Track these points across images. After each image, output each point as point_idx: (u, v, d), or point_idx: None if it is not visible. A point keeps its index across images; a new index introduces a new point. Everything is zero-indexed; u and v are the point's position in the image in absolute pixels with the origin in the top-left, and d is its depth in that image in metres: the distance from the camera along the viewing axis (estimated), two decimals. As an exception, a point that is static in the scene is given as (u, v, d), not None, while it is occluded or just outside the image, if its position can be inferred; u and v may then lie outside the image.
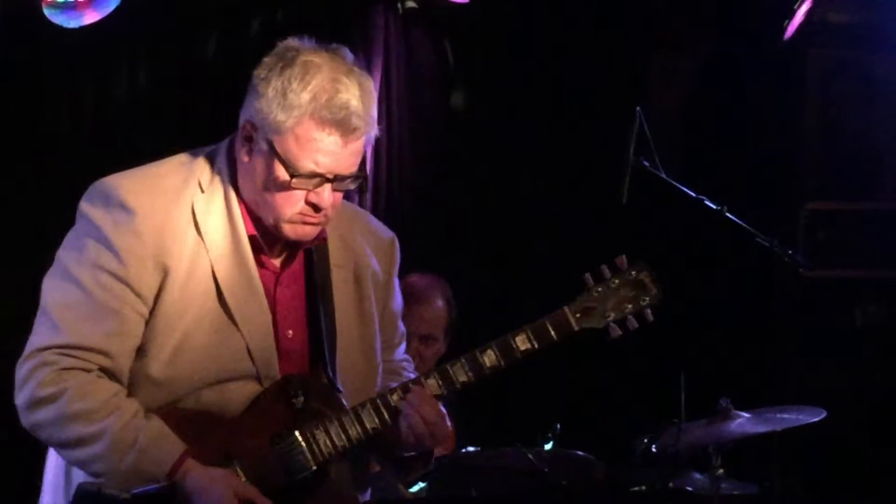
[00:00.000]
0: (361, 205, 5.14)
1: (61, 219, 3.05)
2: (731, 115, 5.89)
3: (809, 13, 5.74)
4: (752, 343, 5.79)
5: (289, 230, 2.94)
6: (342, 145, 2.88)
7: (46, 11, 4.71)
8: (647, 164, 4.12)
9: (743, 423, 4.26)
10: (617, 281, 3.10)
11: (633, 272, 3.12)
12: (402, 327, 3.25)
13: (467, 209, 5.87)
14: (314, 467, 2.94)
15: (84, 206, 2.95)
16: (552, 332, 3.06)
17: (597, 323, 3.10)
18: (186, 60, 5.14)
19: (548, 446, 4.38)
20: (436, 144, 5.89)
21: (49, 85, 5.02)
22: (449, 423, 3.06)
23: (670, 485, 4.41)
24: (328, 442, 2.94)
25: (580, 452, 4.37)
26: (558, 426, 4.38)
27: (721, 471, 4.26)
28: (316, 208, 2.91)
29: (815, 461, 5.53)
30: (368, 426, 2.97)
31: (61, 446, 2.88)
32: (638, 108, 4.15)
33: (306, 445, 2.93)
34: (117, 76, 5.11)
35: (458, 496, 4.06)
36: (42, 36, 4.85)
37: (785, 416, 4.32)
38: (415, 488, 4.16)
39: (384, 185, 5.68)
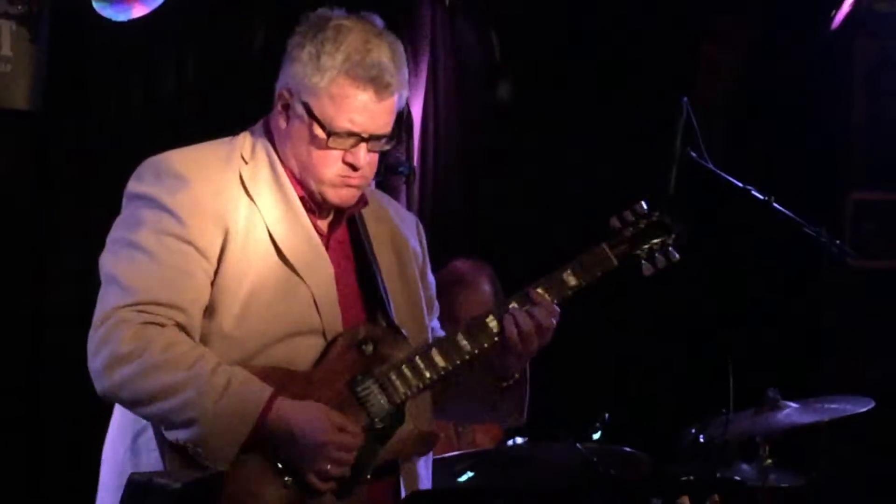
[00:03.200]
0: (409, 196, 5.18)
1: (112, 213, 3.07)
2: (777, 106, 5.87)
3: (856, 2, 5.71)
4: (799, 333, 5.79)
5: (331, 194, 3.02)
6: (376, 101, 2.97)
7: (96, 5, 4.74)
8: (694, 154, 4.13)
9: (791, 413, 4.26)
10: (643, 223, 3.20)
11: (655, 214, 3.22)
12: (436, 302, 3.35)
13: (514, 201, 5.88)
14: (392, 408, 3.01)
15: (133, 185, 3.01)
16: (596, 267, 3.16)
17: (630, 260, 3.20)
18: (234, 54, 5.17)
19: (596, 436, 4.38)
20: (482, 136, 5.90)
21: (97, 79, 5.06)
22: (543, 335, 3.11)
23: (718, 475, 4.41)
24: (402, 384, 3.01)
25: (627, 448, 4.36)
26: (607, 416, 4.38)
27: (769, 461, 4.27)
28: (353, 167, 2.99)
29: (863, 452, 5.53)
30: (443, 365, 3.04)
31: (148, 400, 2.88)
32: (684, 99, 4.15)
33: (382, 388, 3.00)
34: (165, 70, 5.15)
35: (508, 487, 4.07)
36: (91, 30, 4.89)
37: (833, 406, 4.32)
38: (463, 477, 4.17)
39: (431, 177, 5.69)
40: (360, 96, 2.96)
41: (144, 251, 2.91)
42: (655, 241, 3.20)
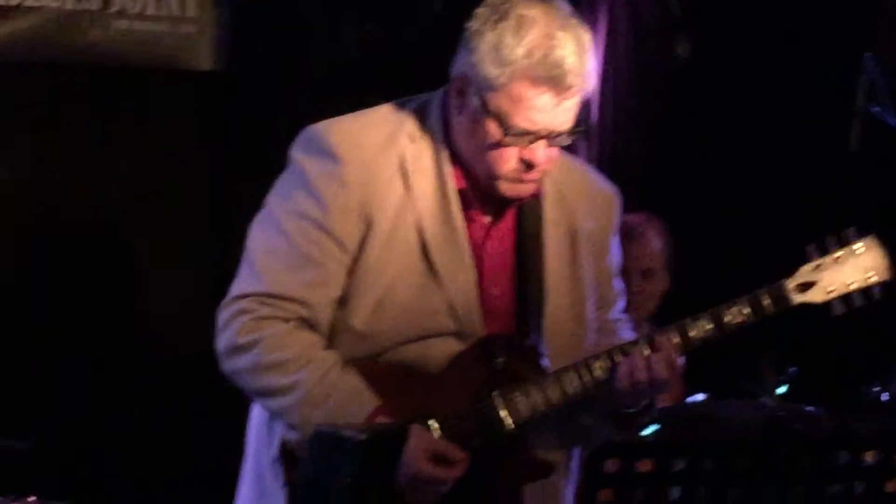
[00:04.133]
0: (588, 158, 5.17)
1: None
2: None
3: None
4: None
5: (505, 188, 2.91)
6: (556, 104, 2.84)
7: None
8: (877, 111, 4.05)
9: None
10: (842, 254, 2.99)
11: (862, 246, 3.00)
12: (618, 285, 3.17)
13: (691, 160, 5.83)
14: (512, 430, 2.93)
15: (293, 151, 2.98)
16: (768, 306, 2.98)
17: (817, 298, 2.99)
18: (415, 19, 5.21)
19: (781, 390, 4.32)
20: (660, 96, 5.86)
21: (280, 41, 5.13)
22: (667, 379, 2.97)
23: (899, 432, 4.34)
24: (527, 405, 2.92)
25: (809, 406, 4.31)
26: (793, 369, 4.31)
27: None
28: (530, 165, 2.87)
29: None
30: (569, 391, 2.93)
31: (256, 395, 2.93)
32: (867, 55, 4.08)
33: (505, 407, 2.92)
34: (347, 33, 5.21)
35: (693, 442, 4.05)
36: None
37: None
38: (646, 431, 4.16)
39: (609, 138, 5.68)
40: (540, 97, 2.83)
41: (283, 235, 2.88)
42: (853, 280, 2.98)
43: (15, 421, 4.52)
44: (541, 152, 2.87)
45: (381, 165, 2.91)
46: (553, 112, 2.84)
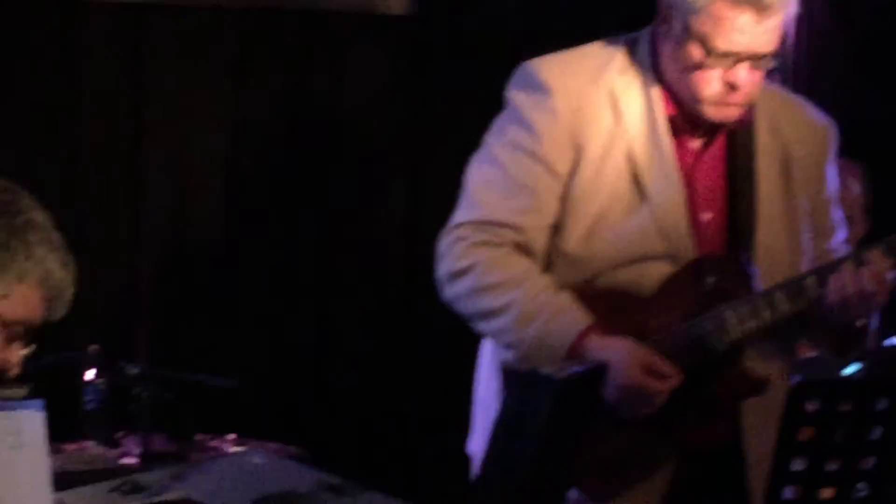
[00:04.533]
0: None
1: (485, 118, 3.17)
2: None
3: None
4: None
5: (710, 111, 2.96)
6: (756, 23, 2.88)
7: None
8: None
9: None
10: None
11: None
12: (836, 214, 3.19)
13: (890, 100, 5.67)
14: (724, 348, 2.96)
15: (508, 89, 3.07)
16: None
17: None
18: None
19: None
20: (856, 25, 5.70)
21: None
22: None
23: None
24: (739, 324, 2.95)
25: None
26: None
27: None
28: (733, 87, 2.92)
29: None
30: (781, 310, 2.95)
31: (473, 319, 3.01)
32: None
33: (716, 327, 2.95)
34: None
35: None
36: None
37: None
38: (849, 369, 4.10)
39: (802, 72, 5.57)
40: (740, 17, 2.88)
41: (498, 165, 2.99)
42: None
43: (220, 360, 4.64)
44: (743, 74, 2.92)
45: (590, 96, 3.00)
46: (753, 32, 2.89)
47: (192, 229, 4.88)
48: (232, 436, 4.17)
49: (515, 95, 3.04)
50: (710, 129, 3.05)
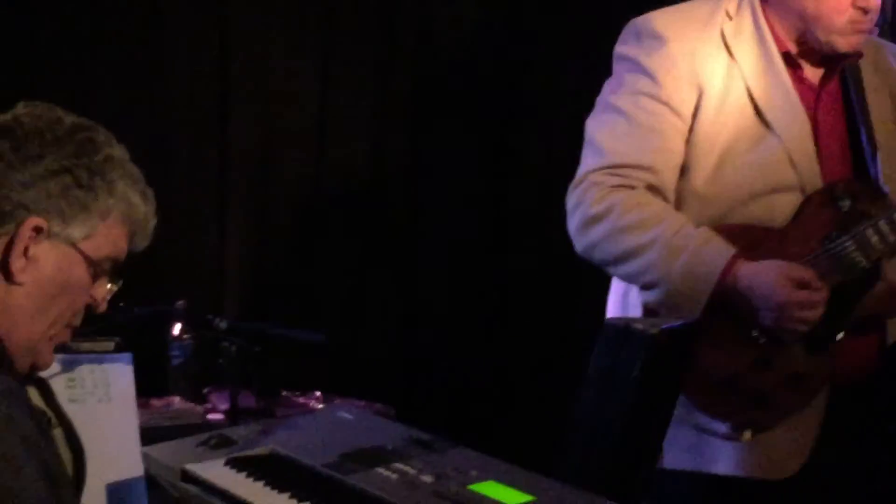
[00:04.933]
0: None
1: (596, 77, 3.18)
2: None
3: None
4: None
5: (841, 42, 3.01)
6: None
7: None
8: None
9: None
10: None
11: None
12: None
13: None
14: (867, 266, 2.98)
15: (618, 47, 3.12)
16: None
17: None
18: None
19: None
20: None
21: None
22: None
23: None
24: (878, 240, 2.98)
25: None
26: None
27: None
28: (864, 11, 2.97)
29: None
30: None
31: (615, 262, 3.01)
32: None
33: (858, 245, 2.97)
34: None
35: None
36: None
37: None
38: None
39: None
40: None
41: (620, 113, 3.02)
42: None
43: (309, 315, 4.64)
44: None
45: (703, 40, 3.05)
46: None
47: (279, 184, 4.88)
48: (317, 393, 4.17)
49: (629, 49, 3.08)
50: (825, 65, 3.09)
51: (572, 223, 3.04)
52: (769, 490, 3.01)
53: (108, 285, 2.04)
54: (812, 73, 3.10)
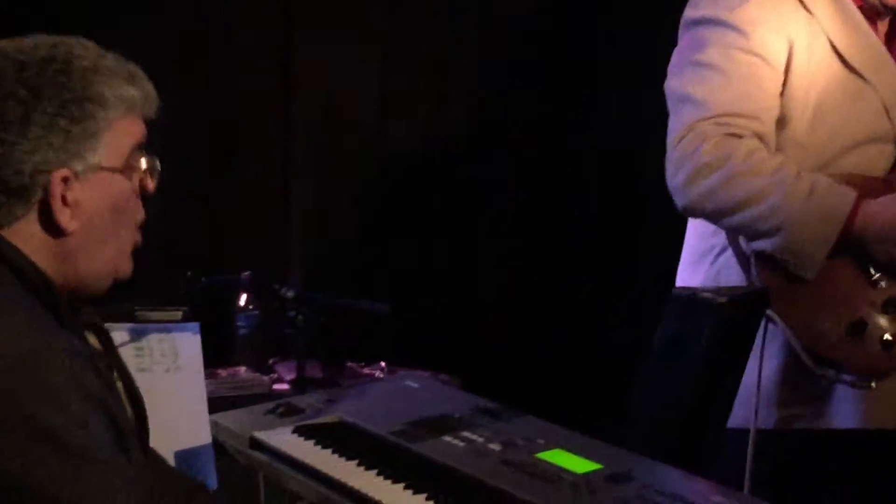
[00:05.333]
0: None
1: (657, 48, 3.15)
2: None
3: None
4: None
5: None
6: None
7: None
8: None
9: None
10: None
11: None
12: None
13: None
14: None
15: (689, 12, 3.06)
16: None
17: None
18: None
19: None
20: None
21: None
22: None
23: None
24: None
25: None
26: None
27: None
28: None
29: None
30: None
31: (732, 210, 2.93)
32: None
33: None
34: None
35: None
36: None
37: None
38: None
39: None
40: None
41: (712, 67, 2.95)
42: None
43: (372, 286, 4.65)
44: None
45: (780, 1, 3.00)
46: None
47: (343, 155, 4.88)
48: (382, 363, 4.18)
49: (706, 10, 3.01)
50: (890, 19, 3.08)
51: (680, 175, 2.94)
52: (891, 440, 3.01)
53: (146, 165, 2.05)
54: (881, 26, 3.08)
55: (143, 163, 2.04)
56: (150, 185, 2.07)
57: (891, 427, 3.01)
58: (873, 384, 2.93)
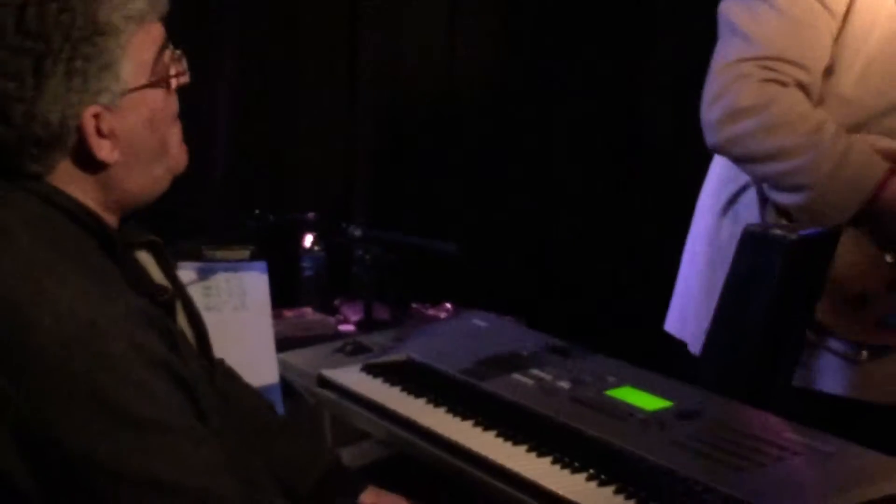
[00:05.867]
0: None
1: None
2: None
3: None
4: None
5: None
6: None
7: None
8: None
9: None
10: None
11: None
12: None
13: None
14: None
15: None
16: None
17: None
18: None
19: None
20: None
21: None
22: None
23: None
24: None
25: None
26: None
27: None
28: None
29: None
30: None
31: (759, 160, 2.88)
32: None
33: None
34: None
35: None
36: None
37: None
38: None
39: None
40: None
41: (771, 5, 2.86)
42: None
43: (442, 225, 4.63)
44: None
45: None
46: None
47: (410, 94, 4.86)
48: (447, 305, 4.17)
49: None
50: None
51: (713, 112, 2.88)
52: (875, 414, 2.93)
53: (173, 58, 2.00)
54: None
55: (170, 63, 1.99)
56: (183, 77, 2.01)
57: (882, 402, 2.94)
58: (864, 354, 2.89)
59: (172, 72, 1.97)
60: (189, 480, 1.76)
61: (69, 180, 1.90)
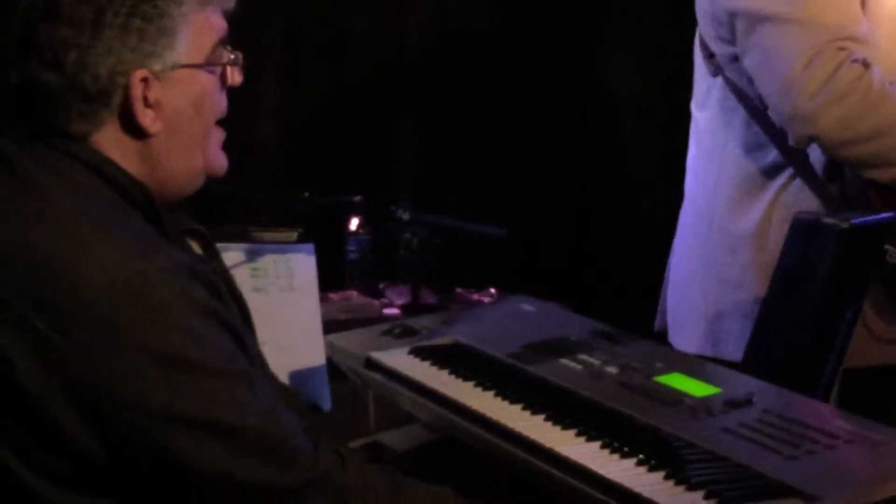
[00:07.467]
0: None
1: None
2: None
3: None
4: None
5: None
6: None
7: None
8: None
9: None
10: None
11: None
12: None
13: None
14: None
15: None
16: None
17: None
18: None
19: None
20: None
21: None
22: None
23: None
24: None
25: None
26: None
27: None
28: None
29: None
30: None
31: (864, 139, 2.86)
32: None
33: None
34: None
35: None
36: None
37: None
38: None
39: None
40: None
41: None
42: None
43: (491, 209, 4.63)
44: None
45: None
46: None
47: (456, 76, 4.86)
48: (492, 290, 4.17)
49: None
50: None
51: (816, 100, 2.82)
52: None
53: (231, 60, 2.02)
54: None
55: (226, 56, 2.01)
56: (237, 78, 2.03)
57: None
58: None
59: (226, 59, 1.99)
60: (246, 420, 1.78)
61: (113, 145, 1.92)
